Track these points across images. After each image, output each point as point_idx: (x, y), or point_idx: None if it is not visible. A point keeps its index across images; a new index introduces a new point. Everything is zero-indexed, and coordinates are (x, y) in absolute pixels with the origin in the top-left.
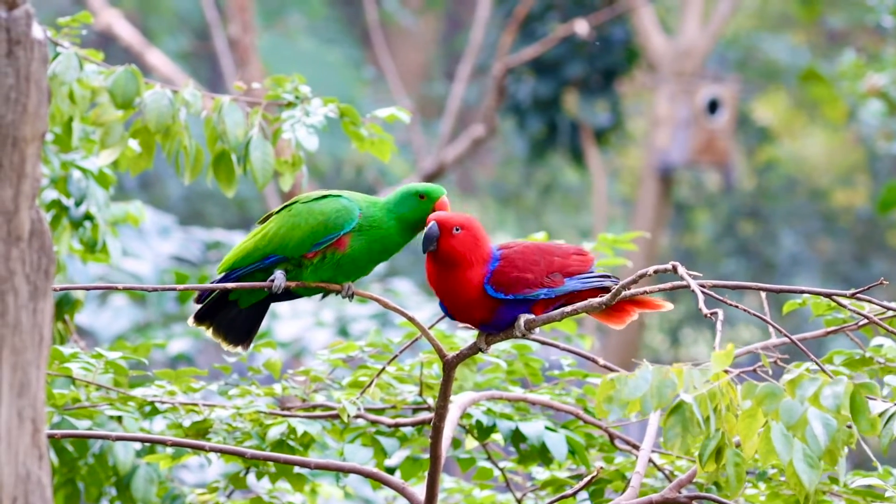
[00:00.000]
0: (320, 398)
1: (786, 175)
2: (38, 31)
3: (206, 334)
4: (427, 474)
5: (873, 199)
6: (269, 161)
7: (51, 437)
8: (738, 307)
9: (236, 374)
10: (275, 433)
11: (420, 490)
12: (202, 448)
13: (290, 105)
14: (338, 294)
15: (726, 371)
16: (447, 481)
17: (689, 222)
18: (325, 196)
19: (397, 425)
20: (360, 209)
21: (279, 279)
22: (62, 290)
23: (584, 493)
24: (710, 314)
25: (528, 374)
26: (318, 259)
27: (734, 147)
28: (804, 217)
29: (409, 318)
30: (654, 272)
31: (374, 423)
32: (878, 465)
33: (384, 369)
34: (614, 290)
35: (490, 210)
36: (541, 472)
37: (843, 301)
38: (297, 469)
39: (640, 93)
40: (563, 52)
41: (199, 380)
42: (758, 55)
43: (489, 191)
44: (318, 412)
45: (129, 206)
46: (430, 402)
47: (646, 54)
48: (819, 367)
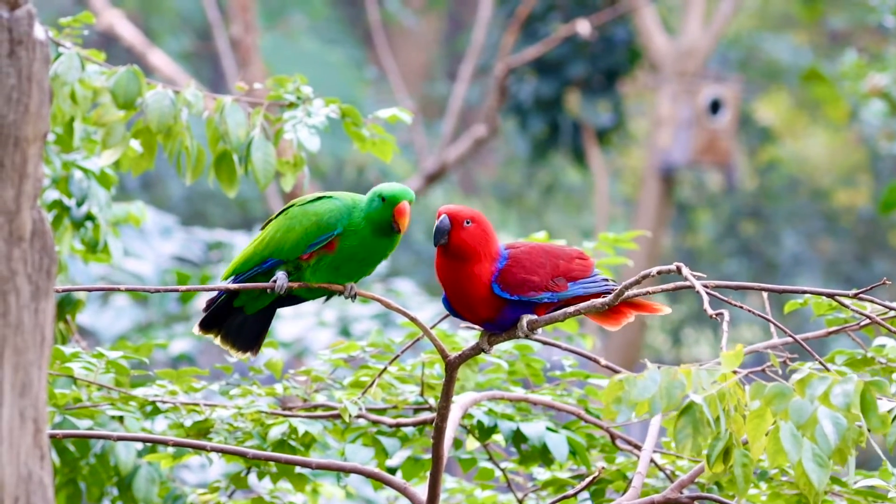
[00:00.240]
0: (322, 398)
1: (788, 175)
2: (40, 31)
3: (215, 342)
4: (429, 474)
5: (875, 199)
6: (270, 161)
7: (52, 437)
8: (743, 308)
9: (238, 374)
10: (276, 433)
11: (422, 490)
12: (203, 448)
13: (291, 105)
14: (340, 295)
15: (734, 371)
16: (448, 481)
17: (691, 222)
18: (319, 198)
19: (399, 425)
20: (350, 210)
21: (281, 279)
22: (64, 291)
23: (585, 494)
24: (716, 315)
25: (530, 374)
26: (314, 261)
27: (736, 147)
28: (806, 217)
29: (412, 319)
30: (658, 273)
31: (375, 423)
32: (888, 464)
33: (386, 369)
34: (616, 291)
35: (492, 210)
36: (542, 473)
37: (846, 301)
38: (298, 469)
39: (642, 93)
40: (565, 52)
41: (201, 380)
42: (760, 55)
43: (491, 191)
44: (319, 412)
45: (131, 207)
46: (432, 402)
47: (648, 54)
48: (823, 367)
